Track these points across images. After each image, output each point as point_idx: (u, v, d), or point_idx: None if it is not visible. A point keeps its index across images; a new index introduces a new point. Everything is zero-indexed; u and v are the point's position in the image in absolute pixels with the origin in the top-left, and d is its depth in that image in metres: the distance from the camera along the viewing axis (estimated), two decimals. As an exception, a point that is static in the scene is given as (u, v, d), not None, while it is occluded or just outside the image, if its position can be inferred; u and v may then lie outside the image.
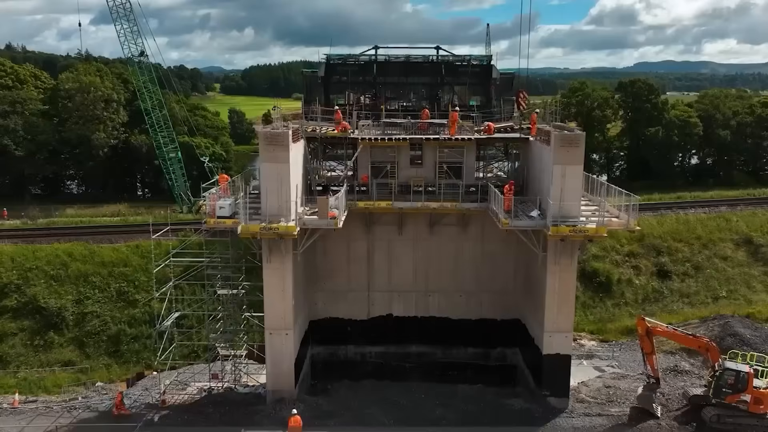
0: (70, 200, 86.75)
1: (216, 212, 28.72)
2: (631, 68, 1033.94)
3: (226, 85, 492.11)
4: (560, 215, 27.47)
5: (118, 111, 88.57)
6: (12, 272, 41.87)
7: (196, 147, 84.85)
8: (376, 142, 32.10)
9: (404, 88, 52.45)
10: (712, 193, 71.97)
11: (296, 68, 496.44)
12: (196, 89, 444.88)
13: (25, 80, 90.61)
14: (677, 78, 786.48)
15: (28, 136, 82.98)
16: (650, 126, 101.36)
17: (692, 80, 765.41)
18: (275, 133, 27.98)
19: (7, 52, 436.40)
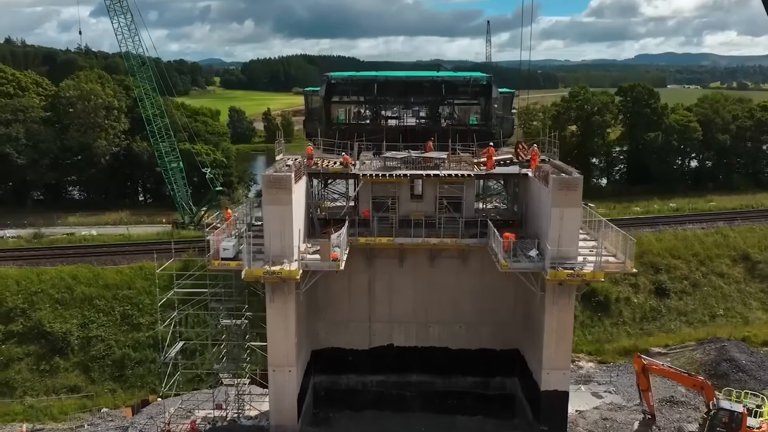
0: (71, 206, 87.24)
1: (220, 254, 29.12)
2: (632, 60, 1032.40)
3: (226, 79, 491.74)
4: (558, 257, 27.93)
5: (120, 118, 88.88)
6: (17, 296, 42.41)
7: (197, 155, 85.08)
8: (377, 179, 32.49)
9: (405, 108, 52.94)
10: (711, 204, 72.37)
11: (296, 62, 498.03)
12: (196, 83, 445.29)
13: (27, 87, 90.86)
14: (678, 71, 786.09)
15: (30, 144, 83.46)
16: (650, 131, 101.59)
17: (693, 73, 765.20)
18: (278, 177, 28.39)
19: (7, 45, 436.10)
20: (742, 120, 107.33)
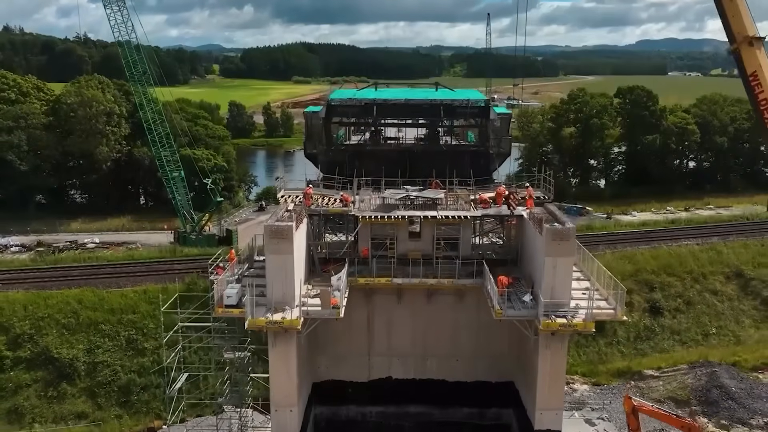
0: (74, 210, 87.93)
1: (224, 301, 29.96)
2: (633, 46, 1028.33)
3: (225, 68, 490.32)
4: (552, 304, 28.80)
5: (120, 124, 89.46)
6: (25, 322, 43.35)
7: (198, 161, 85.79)
8: (376, 220, 33.29)
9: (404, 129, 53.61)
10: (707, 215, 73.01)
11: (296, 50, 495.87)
12: (196, 72, 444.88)
13: (28, 93, 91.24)
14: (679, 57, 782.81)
15: (32, 150, 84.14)
16: (648, 133, 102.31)
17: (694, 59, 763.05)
18: (280, 228, 29.17)
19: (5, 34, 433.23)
20: (740, 122, 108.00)
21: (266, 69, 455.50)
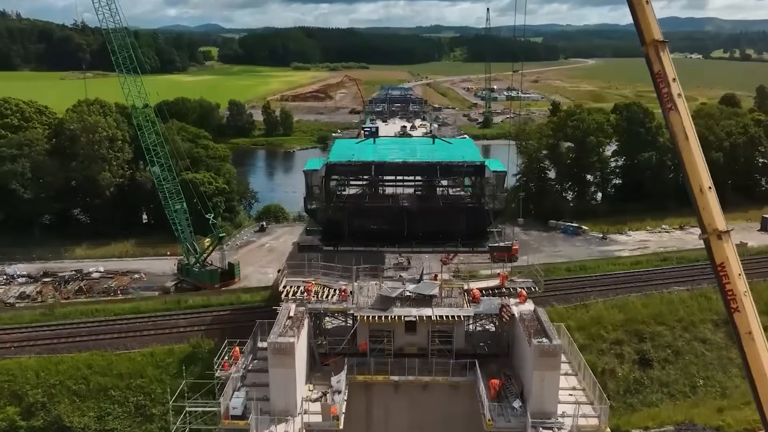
0: (77, 234, 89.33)
1: (230, 412, 31.55)
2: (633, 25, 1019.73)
3: (224, 53, 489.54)
4: (539, 412, 30.47)
5: (123, 149, 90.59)
6: (37, 389, 45.15)
7: (199, 185, 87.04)
8: (374, 321, 34.83)
9: (402, 188, 54.94)
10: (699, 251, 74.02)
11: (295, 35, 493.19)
12: (194, 59, 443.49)
13: (30, 118, 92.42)
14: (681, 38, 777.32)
15: (36, 177, 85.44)
16: (644, 150, 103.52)
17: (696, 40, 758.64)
18: (282, 346, 30.73)
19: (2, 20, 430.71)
20: (736, 137, 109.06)
21: (265, 55, 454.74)
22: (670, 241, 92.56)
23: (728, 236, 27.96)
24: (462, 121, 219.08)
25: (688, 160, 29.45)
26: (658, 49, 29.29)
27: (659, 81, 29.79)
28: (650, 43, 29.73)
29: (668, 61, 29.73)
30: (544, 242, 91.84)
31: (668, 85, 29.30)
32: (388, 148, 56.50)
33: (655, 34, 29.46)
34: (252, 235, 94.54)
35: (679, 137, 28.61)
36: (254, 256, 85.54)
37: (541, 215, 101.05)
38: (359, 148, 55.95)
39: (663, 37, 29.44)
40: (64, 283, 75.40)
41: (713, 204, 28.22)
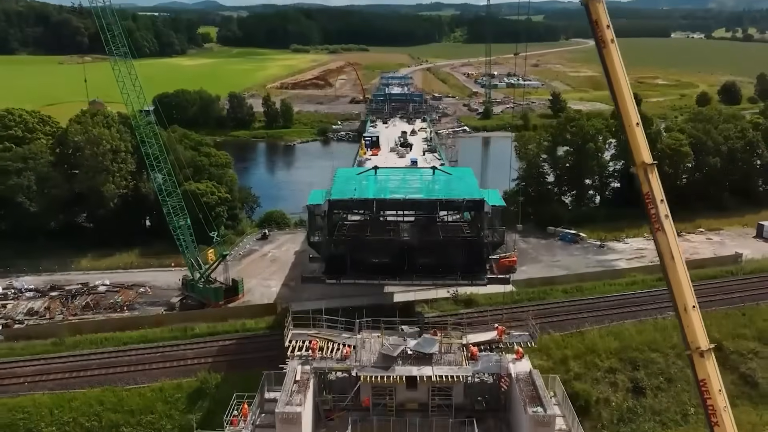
0: (82, 243, 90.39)
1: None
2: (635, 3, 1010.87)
3: (223, 35, 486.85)
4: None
5: (126, 159, 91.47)
6: (52, 427, 46.81)
7: (201, 195, 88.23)
8: (376, 381, 36.33)
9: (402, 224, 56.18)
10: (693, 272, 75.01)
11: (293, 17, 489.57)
12: (193, 42, 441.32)
13: (34, 128, 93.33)
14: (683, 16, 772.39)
15: (41, 189, 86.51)
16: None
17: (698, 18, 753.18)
18: (290, 415, 32.24)
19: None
20: (734, 141, 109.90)
21: (264, 37, 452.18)
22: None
23: (710, 354, 29.68)
24: (462, 111, 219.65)
25: (673, 280, 31.90)
26: (647, 171, 30.77)
27: (647, 202, 32.39)
28: (640, 165, 32.60)
29: (657, 184, 32.46)
30: (542, 251, 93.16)
31: (656, 207, 30.67)
32: (389, 181, 57.63)
33: (645, 157, 32.04)
34: (254, 244, 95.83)
35: (665, 257, 30.35)
36: (257, 267, 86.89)
37: (539, 221, 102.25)
38: (361, 181, 57.03)
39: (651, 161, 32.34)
40: (71, 298, 77.00)
41: (697, 323, 30.01)
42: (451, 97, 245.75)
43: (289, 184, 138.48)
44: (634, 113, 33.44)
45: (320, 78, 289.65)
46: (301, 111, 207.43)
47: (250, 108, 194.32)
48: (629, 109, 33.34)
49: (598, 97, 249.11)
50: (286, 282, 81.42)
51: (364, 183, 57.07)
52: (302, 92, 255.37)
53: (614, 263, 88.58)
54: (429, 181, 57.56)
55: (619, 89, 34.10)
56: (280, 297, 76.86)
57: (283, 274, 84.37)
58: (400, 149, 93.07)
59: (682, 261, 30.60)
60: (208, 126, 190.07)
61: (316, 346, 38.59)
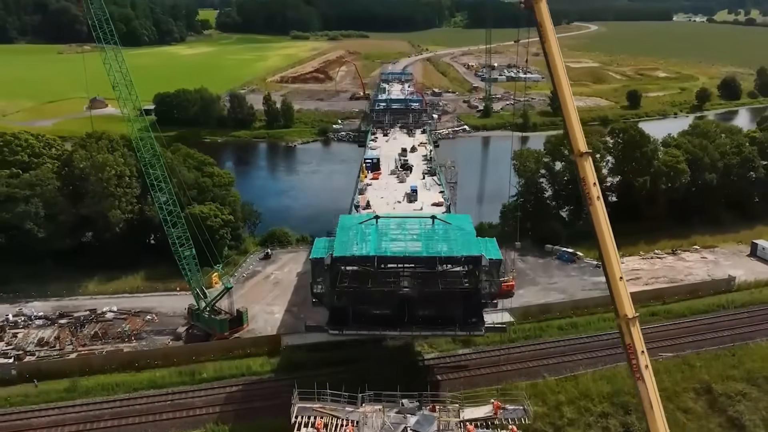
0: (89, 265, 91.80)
1: None
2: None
3: (222, 21, 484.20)
4: None
5: (131, 184, 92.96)
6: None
7: (206, 219, 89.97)
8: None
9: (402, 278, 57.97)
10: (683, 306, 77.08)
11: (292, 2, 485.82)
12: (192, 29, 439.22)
13: (40, 153, 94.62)
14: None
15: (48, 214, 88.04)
16: (639, 174, 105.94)
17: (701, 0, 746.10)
18: None
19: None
20: (731, 157, 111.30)
21: (263, 22, 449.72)
22: (661, 269, 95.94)
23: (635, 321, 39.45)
24: (462, 109, 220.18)
25: (605, 253, 41.14)
26: (629, 324, 33.96)
27: (629, 353, 36.71)
28: (622, 318, 38.05)
29: (638, 336, 37.73)
30: (540, 271, 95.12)
31: (637, 358, 33.59)
32: (390, 230, 59.27)
33: (628, 311, 37.30)
34: (258, 264, 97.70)
35: (644, 405, 34.01)
36: (260, 290, 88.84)
37: (537, 238, 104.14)
38: (362, 231, 58.62)
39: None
40: (80, 327, 79.00)
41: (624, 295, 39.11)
42: (451, 93, 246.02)
43: (291, 194, 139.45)
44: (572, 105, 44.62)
45: (320, 71, 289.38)
46: (302, 109, 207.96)
47: (251, 108, 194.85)
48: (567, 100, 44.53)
49: (598, 91, 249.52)
50: (289, 307, 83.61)
51: (366, 232, 58.69)
52: (303, 87, 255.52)
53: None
54: (429, 231, 59.14)
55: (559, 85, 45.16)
56: (284, 325, 79.19)
57: (285, 298, 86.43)
58: (401, 173, 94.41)
59: (660, 410, 38.23)
60: (209, 125, 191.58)
61: (320, 425, 40.59)
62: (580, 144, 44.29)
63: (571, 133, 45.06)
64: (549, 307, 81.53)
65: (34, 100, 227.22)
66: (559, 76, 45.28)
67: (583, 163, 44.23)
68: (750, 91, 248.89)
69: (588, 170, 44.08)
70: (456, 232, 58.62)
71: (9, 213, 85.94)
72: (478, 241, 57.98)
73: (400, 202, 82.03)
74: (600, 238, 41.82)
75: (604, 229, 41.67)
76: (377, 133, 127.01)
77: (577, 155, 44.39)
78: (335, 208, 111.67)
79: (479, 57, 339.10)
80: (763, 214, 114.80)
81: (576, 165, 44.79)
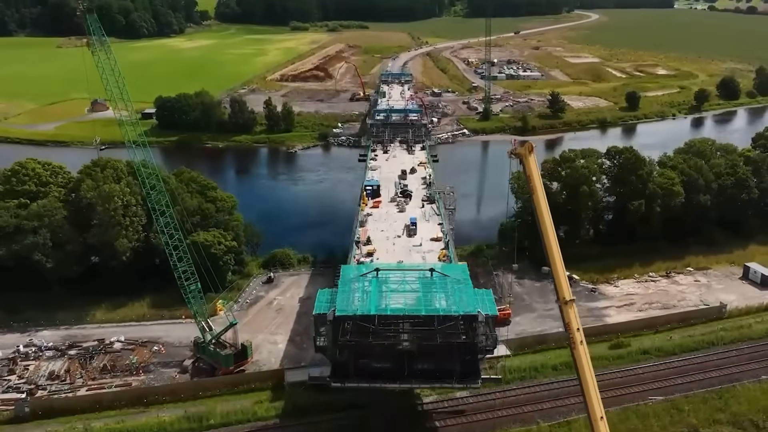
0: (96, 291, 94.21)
1: None
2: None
3: (221, 12, 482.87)
4: None
5: (137, 213, 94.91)
6: None
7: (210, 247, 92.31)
8: None
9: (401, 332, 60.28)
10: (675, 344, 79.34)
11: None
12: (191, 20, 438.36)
13: (47, 182, 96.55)
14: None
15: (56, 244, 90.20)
16: (634, 197, 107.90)
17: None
18: None
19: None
20: (725, 177, 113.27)
21: (262, 13, 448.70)
22: (655, 294, 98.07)
23: (572, 304, 52.38)
24: (461, 111, 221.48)
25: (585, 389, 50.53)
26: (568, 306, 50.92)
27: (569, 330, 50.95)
28: (562, 300, 51.82)
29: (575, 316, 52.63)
30: (536, 296, 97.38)
31: (573, 334, 50.35)
32: (390, 283, 61.53)
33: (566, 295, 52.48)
34: (260, 288, 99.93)
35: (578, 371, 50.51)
36: (263, 318, 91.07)
37: (534, 259, 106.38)
38: (363, 286, 60.84)
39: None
40: (89, 359, 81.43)
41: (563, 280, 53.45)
42: (451, 93, 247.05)
43: (293, 206, 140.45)
44: (558, 255, 55.04)
45: (320, 68, 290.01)
46: (302, 112, 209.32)
47: (251, 112, 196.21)
48: (554, 252, 54.93)
49: (597, 90, 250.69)
50: (292, 336, 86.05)
51: (367, 286, 60.90)
52: (303, 86, 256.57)
53: (604, 312, 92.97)
54: (427, 283, 61.36)
55: (546, 235, 55.23)
56: (287, 356, 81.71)
57: (288, 326, 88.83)
58: (401, 201, 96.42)
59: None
60: (210, 130, 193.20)
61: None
62: (565, 293, 53.07)
63: (557, 283, 54.10)
64: (545, 337, 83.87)
65: (36, 102, 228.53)
66: (546, 226, 55.71)
67: (568, 310, 52.28)
68: (749, 90, 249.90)
69: (572, 317, 51.78)
70: (453, 286, 60.81)
71: (18, 244, 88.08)
72: (474, 295, 60.19)
73: (400, 237, 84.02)
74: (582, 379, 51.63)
75: (586, 372, 50.94)
76: (377, 150, 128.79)
77: (563, 302, 52.90)
78: (336, 222, 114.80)
79: (479, 51, 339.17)
80: (756, 232, 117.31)
81: (561, 311, 53.44)
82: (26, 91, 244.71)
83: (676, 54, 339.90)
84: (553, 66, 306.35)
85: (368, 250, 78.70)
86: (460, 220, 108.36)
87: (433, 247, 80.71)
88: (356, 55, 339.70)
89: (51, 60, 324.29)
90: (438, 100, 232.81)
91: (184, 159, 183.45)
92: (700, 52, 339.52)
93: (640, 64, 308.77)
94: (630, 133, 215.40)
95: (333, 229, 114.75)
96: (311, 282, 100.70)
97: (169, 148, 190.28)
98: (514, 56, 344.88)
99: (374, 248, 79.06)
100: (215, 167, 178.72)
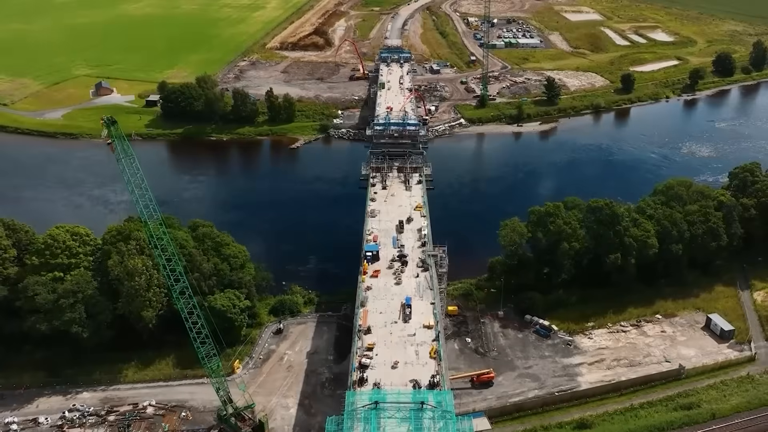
0: (125, 349, 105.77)
1: None
2: None
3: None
4: None
5: (160, 282, 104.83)
6: None
7: (226, 311, 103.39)
8: None
9: None
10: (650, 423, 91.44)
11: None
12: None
13: (76, 252, 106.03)
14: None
15: (89, 315, 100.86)
16: (610, 249, 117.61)
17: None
18: None
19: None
20: (697, 226, 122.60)
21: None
22: (624, 348, 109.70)
23: None
24: (459, 94, 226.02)
25: None
26: None
27: None
28: None
29: None
30: (518, 350, 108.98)
31: None
32: (387, 419, 73.33)
33: None
34: (271, 341, 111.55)
35: None
36: (276, 378, 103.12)
37: (518, 306, 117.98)
38: (365, 418, 72.68)
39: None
40: (127, 427, 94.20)
41: None
42: (450, 68, 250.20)
43: (299, 235, 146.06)
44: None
45: (318, 32, 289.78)
46: (303, 98, 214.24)
47: (253, 104, 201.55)
48: None
49: (594, 65, 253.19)
50: (302, 400, 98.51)
51: (368, 419, 72.71)
52: (303, 58, 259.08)
53: (577, 371, 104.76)
54: (418, 414, 73.08)
55: None
56: (298, 424, 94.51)
57: (298, 387, 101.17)
58: (397, 268, 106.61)
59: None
60: (213, 121, 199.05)
61: None
62: None
63: None
64: (522, 405, 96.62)
65: (40, 81, 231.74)
66: None
67: None
68: (744, 65, 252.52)
69: None
70: (439, 417, 72.68)
71: (58, 320, 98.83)
72: (456, 422, 72.09)
73: (396, 322, 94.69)
74: None
75: None
76: (376, 185, 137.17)
77: None
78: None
79: (479, 3, 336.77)
80: (723, 272, 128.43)
81: None
82: (29, 65, 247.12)
83: (679, 8, 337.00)
84: (553, 27, 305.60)
85: (368, 344, 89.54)
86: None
87: (425, 338, 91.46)
88: (355, 9, 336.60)
89: (47, 13, 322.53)
90: (436, 79, 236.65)
91: (190, 154, 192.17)
92: (702, 8, 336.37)
93: (641, 25, 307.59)
94: (623, 117, 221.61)
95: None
96: (317, 334, 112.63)
97: (175, 141, 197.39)
98: (515, 8, 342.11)
99: (374, 342, 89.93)
100: (221, 167, 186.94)
